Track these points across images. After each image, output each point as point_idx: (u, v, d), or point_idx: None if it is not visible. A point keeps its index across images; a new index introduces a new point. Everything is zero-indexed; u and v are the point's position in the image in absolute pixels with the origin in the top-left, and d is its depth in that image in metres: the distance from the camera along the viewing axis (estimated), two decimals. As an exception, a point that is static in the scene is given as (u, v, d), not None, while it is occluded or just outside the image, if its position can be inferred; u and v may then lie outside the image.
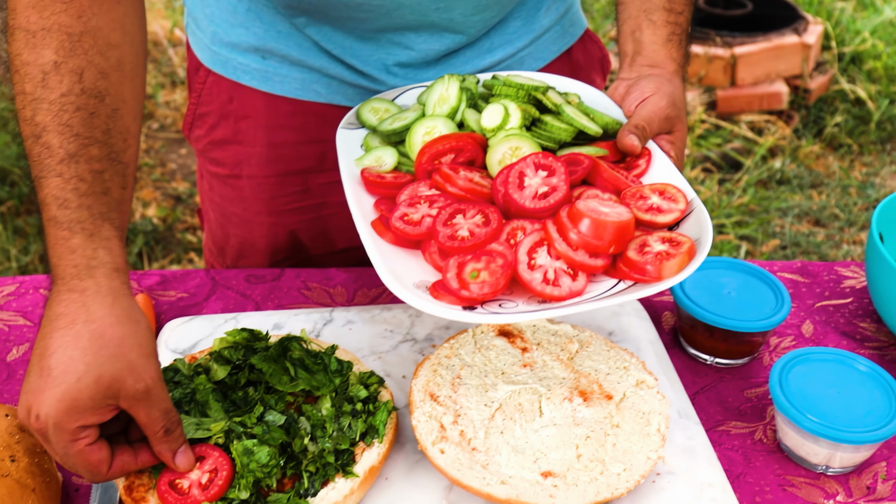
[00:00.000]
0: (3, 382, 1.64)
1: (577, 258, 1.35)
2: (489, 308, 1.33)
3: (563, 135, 1.55)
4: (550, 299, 1.35)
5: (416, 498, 1.43)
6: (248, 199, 2.02)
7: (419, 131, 1.56)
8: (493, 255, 1.36)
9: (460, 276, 1.34)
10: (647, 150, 1.56)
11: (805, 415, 1.48)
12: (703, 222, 1.40)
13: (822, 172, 5.00)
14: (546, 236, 1.38)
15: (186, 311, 1.81)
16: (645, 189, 1.48)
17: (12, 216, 4.42)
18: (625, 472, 1.39)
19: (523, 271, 1.36)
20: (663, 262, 1.33)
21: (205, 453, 1.36)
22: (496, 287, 1.33)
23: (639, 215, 1.43)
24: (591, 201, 1.39)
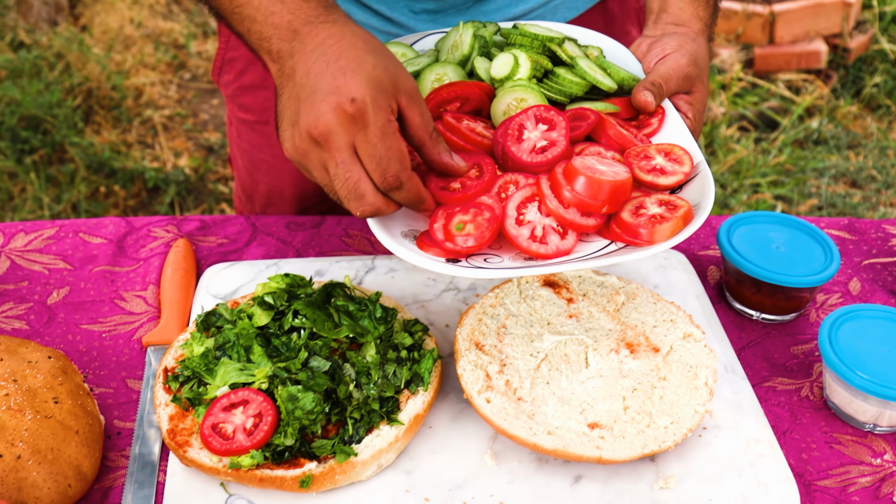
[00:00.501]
0: (45, 325, 1.64)
1: (567, 216, 1.32)
2: (473, 262, 1.30)
3: (575, 88, 1.51)
4: (536, 256, 1.31)
5: (461, 447, 1.42)
6: (276, 145, 2.00)
7: (429, 77, 1.53)
8: (482, 207, 1.33)
9: (447, 227, 1.32)
10: (662, 109, 1.52)
11: (854, 371, 1.45)
12: (706, 187, 1.36)
13: (860, 133, 4.94)
14: (538, 192, 1.34)
15: (226, 256, 1.80)
16: (650, 149, 1.44)
17: (45, 165, 4.42)
18: (672, 426, 1.37)
19: (510, 226, 1.33)
20: (656, 226, 1.30)
21: (249, 398, 1.35)
22: (481, 241, 1.30)
23: (640, 176, 1.39)
24: (590, 158, 1.35)
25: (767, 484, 1.38)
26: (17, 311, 1.67)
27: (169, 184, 4.37)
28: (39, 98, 4.69)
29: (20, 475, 1.29)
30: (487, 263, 1.31)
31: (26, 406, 1.34)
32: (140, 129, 4.78)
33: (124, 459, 1.43)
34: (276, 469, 1.31)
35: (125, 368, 1.57)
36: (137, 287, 1.72)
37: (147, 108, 4.90)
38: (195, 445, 1.35)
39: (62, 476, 1.32)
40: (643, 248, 1.30)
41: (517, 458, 1.41)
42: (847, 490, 1.42)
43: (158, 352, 1.58)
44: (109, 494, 1.38)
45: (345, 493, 1.36)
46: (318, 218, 1.89)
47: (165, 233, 1.84)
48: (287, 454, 1.33)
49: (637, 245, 1.31)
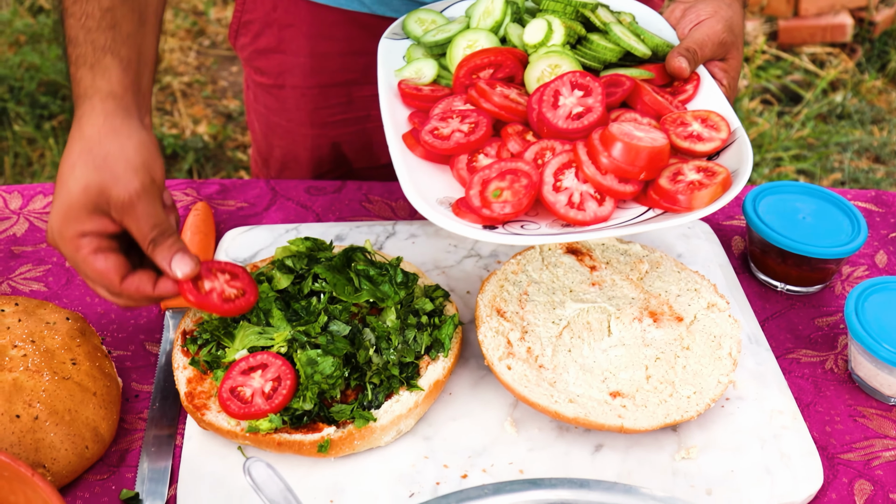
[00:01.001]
0: (63, 287, 1.63)
1: (605, 182, 1.30)
2: (510, 228, 1.29)
3: (609, 55, 1.48)
4: (574, 223, 1.29)
5: (481, 413, 1.41)
6: (292, 109, 2.00)
7: (460, 44, 1.51)
8: (518, 174, 1.31)
9: (483, 194, 1.30)
10: (697, 76, 1.49)
11: (881, 344, 1.43)
12: (744, 153, 1.34)
13: (884, 108, 4.88)
14: (575, 158, 1.32)
15: (246, 220, 1.79)
16: (687, 115, 1.41)
17: (63, 130, 4.42)
18: (695, 395, 1.36)
19: (548, 193, 1.31)
20: (695, 192, 1.27)
21: (267, 362, 1.34)
22: (518, 207, 1.28)
23: (677, 142, 1.37)
24: (626, 125, 1.33)
25: (790, 456, 1.36)
26: (35, 273, 1.66)
27: (187, 151, 4.36)
28: (58, 63, 4.68)
29: (38, 436, 1.29)
30: (524, 230, 1.29)
31: (44, 367, 1.34)
32: (159, 95, 4.77)
33: (142, 422, 1.42)
34: (294, 433, 1.31)
35: (143, 331, 1.57)
36: (156, 250, 1.71)
37: (166, 75, 4.89)
38: (213, 408, 1.34)
39: (79, 437, 1.31)
40: (681, 214, 1.28)
41: (537, 426, 1.40)
42: (871, 464, 1.40)
43: (177, 315, 1.57)
44: (126, 457, 1.37)
45: (363, 458, 1.35)
46: (338, 183, 1.88)
47: (185, 196, 1.83)
48: (305, 419, 1.32)
49: (675, 212, 1.29)
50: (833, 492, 1.36)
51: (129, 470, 1.36)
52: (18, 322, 1.39)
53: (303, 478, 1.32)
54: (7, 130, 4.38)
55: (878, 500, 1.36)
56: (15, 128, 4.39)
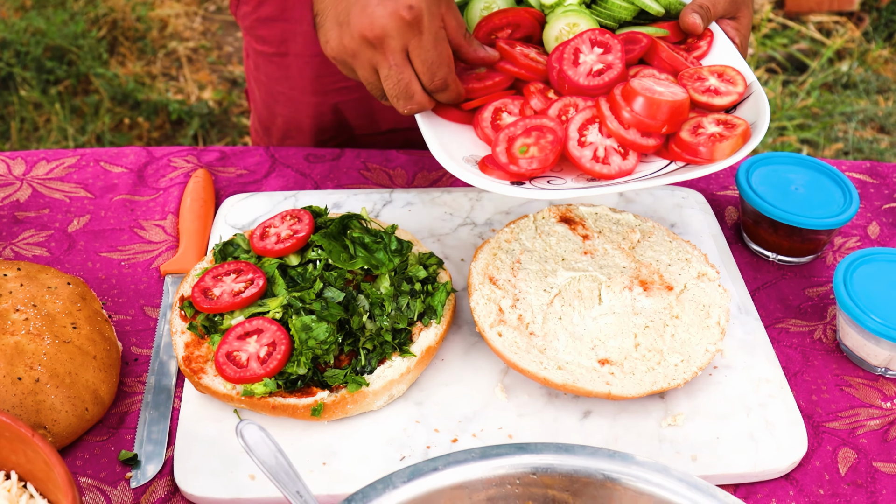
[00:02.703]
0: (65, 252, 1.66)
1: (628, 137, 1.33)
2: (537, 184, 1.32)
3: (624, 13, 1.51)
4: (599, 177, 1.33)
5: (472, 379, 1.44)
6: (294, 77, 2.01)
7: (477, 6, 1.54)
8: (544, 130, 1.34)
9: (510, 150, 1.33)
10: (710, 32, 1.52)
11: (868, 315, 1.45)
12: (760, 106, 1.37)
13: (890, 78, 4.87)
14: (598, 114, 1.36)
15: (245, 187, 1.81)
16: (703, 70, 1.44)
17: (70, 95, 4.43)
18: (682, 364, 1.38)
19: (573, 148, 1.34)
20: (716, 144, 1.31)
21: (263, 327, 1.37)
22: (545, 163, 1.32)
23: (695, 96, 1.40)
24: (646, 80, 1.37)
25: (775, 424, 1.39)
26: (38, 239, 1.68)
27: (192, 116, 4.37)
28: (64, 28, 4.69)
29: (38, 398, 1.31)
30: (551, 185, 1.33)
31: (45, 331, 1.37)
32: (164, 61, 4.78)
33: (141, 385, 1.45)
34: (288, 397, 1.33)
35: (143, 296, 1.59)
36: (157, 216, 1.74)
37: (172, 41, 4.89)
38: (210, 373, 1.37)
39: (79, 400, 1.34)
40: (703, 166, 1.31)
41: (527, 393, 1.42)
42: (855, 432, 1.43)
43: (176, 280, 1.59)
44: (126, 419, 1.40)
45: (356, 422, 1.37)
46: (337, 150, 1.90)
47: (185, 163, 1.85)
48: (300, 383, 1.34)
49: (697, 163, 1.32)
50: (817, 459, 1.39)
51: (128, 432, 1.39)
52: (20, 286, 1.42)
53: (297, 440, 1.35)
54: (13, 95, 4.39)
55: (861, 467, 1.38)
56: (21, 93, 4.40)
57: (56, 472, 1.09)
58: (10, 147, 4.15)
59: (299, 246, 1.46)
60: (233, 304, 1.40)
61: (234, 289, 1.42)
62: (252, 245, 1.48)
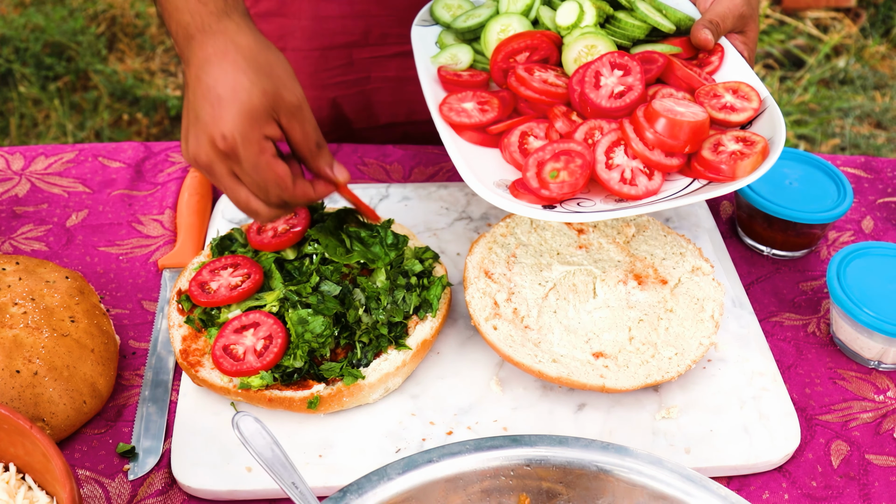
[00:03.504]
0: (63, 247, 1.67)
1: (653, 157, 1.36)
2: (568, 207, 1.34)
3: (637, 32, 1.53)
4: (627, 198, 1.35)
5: (467, 372, 1.45)
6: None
7: (494, 29, 1.56)
8: (572, 154, 1.37)
9: (540, 175, 1.36)
10: (720, 47, 1.54)
11: (861, 308, 1.46)
12: (775, 121, 1.39)
13: (887, 74, 4.88)
14: (623, 136, 1.38)
15: (243, 183, 1.81)
16: (718, 87, 1.46)
17: (69, 92, 4.44)
18: (676, 357, 1.39)
19: (601, 171, 1.36)
20: (737, 162, 1.33)
21: (259, 321, 1.38)
22: (575, 187, 1.34)
23: (713, 114, 1.42)
24: (667, 100, 1.39)
25: (769, 417, 1.40)
26: (36, 233, 1.69)
27: (190, 111, 4.37)
28: (63, 25, 4.69)
29: (37, 391, 1.32)
30: (582, 207, 1.35)
31: (43, 324, 1.37)
32: (163, 56, 4.78)
33: (138, 378, 1.46)
34: (285, 390, 1.34)
35: (141, 290, 1.60)
36: (154, 211, 1.74)
37: (170, 37, 4.89)
38: (207, 366, 1.38)
39: (77, 393, 1.35)
40: (727, 183, 1.34)
41: (522, 386, 1.43)
42: (848, 425, 1.43)
43: (174, 274, 1.60)
44: (123, 412, 1.41)
45: (352, 414, 1.38)
46: (334, 146, 1.91)
47: (183, 158, 1.86)
48: (296, 376, 1.35)
49: (719, 181, 1.35)
50: (810, 451, 1.40)
51: (125, 424, 1.40)
52: (19, 280, 1.43)
53: (293, 433, 1.36)
54: (12, 91, 4.40)
55: (853, 460, 1.39)
56: (20, 89, 4.41)
57: (54, 465, 1.10)
58: (10, 143, 4.16)
59: (296, 240, 1.47)
60: (230, 297, 1.41)
61: (231, 283, 1.43)
62: (249, 239, 1.49)
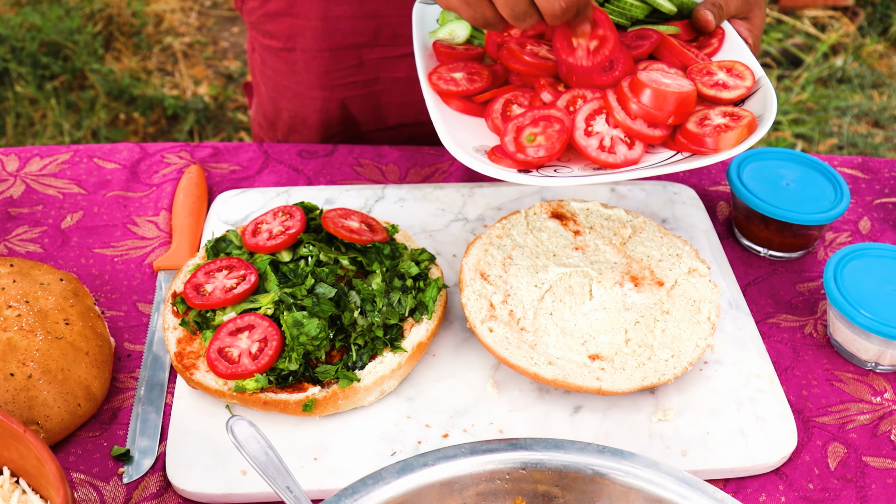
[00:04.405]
0: (58, 248, 1.66)
1: (635, 127, 1.35)
2: (544, 172, 1.33)
3: (636, 11, 1.52)
4: (605, 166, 1.34)
5: (463, 375, 1.44)
6: (302, 72, 2.01)
7: None
8: (551, 120, 1.36)
9: (518, 139, 1.35)
10: (721, 30, 1.53)
11: (858, 310, 1.46)
12: (768, 99, 1.38)
13: (885, 72, 4.88)
14: (605, 105, 1.37)
15: (238, 183, 1.81)
16: (712, 65, 1.45)
17: (65, 91, 4.43)
18: (673, 359, 1.39)
19: (579, 137, 1.35)
20: (721, 134, 1.32)
21: (254, 323, 1.37)
22: (552, 151, 1.34)
23: (703, 90, 1.41)
24: (654, 72, 1.38)
25: (765, 419, 1.39)
26: (31, 235, 1.69)
27: (188, 112, 4.37)
28: (60, 24, 4.69)
29: (31, 394, 1.32)
30: (557, 173, 1.34)
31: (38, 327, 1.37)
32: (160, 56, 4.78)
33: (133, 381, 1.45)
34: (279, 393, 1.34)
35: (136, 292, 1.60)
36: (149, 212, 1.74)
37: (167, 36, 4.89)
38: (202, 368, 1.37)
39: (72, 395, 1.35)
40: (709, 155, 1.32)
41: (518, 388, 1.43)
42: (845, 427, 1.43)
43: (169, 276, 1.60)
44: (118, 415, 1.41)
45: (347, 417, 1.38)
46: (329, 146, 1.90)
47: (178, 159, 1.85)
48: (291, 378, 1.35)
49: (702, 153, 1.33)
50: (807, 454, 1.39)
51: (120, 427, 1.39)
52: (13, 283, 1.42)
53: (288, 436, 1.35)
54: (9, 91, 4.39)
55: (850, 462, 1.39)
56: (17, 88, 4.40)
57: (48, 468, 1.10)
58: (6, 143, 4.15)
59: (291, 242, 1.46)
60: (224, 300, 1.40)
61: (226, 285, 1.42)
62: (244, 241, 1.49)
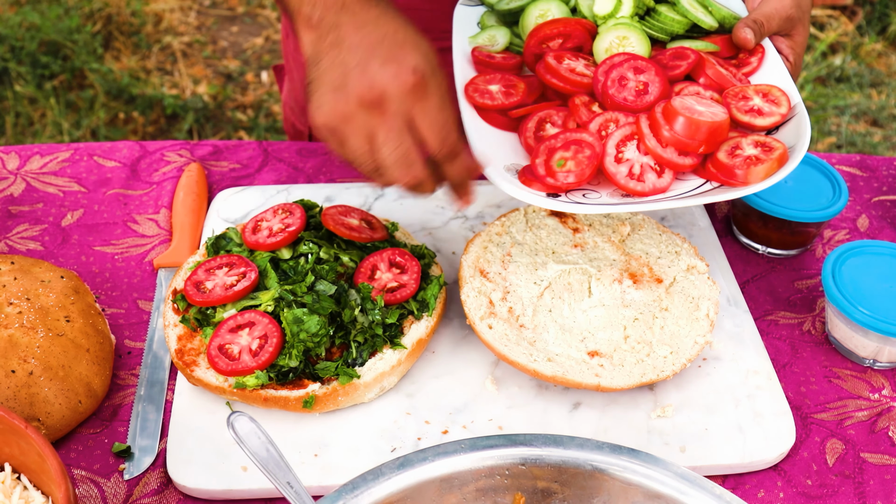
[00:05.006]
0: (59, 246, 1.67)
1: (665, 155, 1.35)
2: (572, 197, 1.34)
3: (676, 27, 1.52)
4: (633, 194, 1.35)
5: (462, 372, 1.45)
6: None
7: (533, 13, 1.56)
8: (582, 145, 1.36)
9: (548, 163, 1.36)
10: (762, 48, 1.52)
11: (856, 307, 1.46)
12: (801, 129, 1.37)
13: (884, 71, 4.88)
14: (637, 131, 1.37)
15: (238, 181, 1.82)
16: (749, 90, 1.44)
17: (65, 90, 4.43)
18: (671, 356, 1.39)
19: (609, 164, 1.36)
20: (751, 167, 1.32)
21: (255, 320, 1.38)
22: (581, 177, 1.34)
23: (737, 116, 1.41)
24: (688, 99, 1.38)
25: (763, 415, 1.40)
26: (31, 233, 1.69)
27: (187, 111, 4.37)
28: (59, 23, 4.69)
29: (32, 391, 1.32)
30: (585, 199, 1.34)
31: (39, 324, 1.37)
32: (159, 55, 4.78)
33: (134, 378, 1.46)
34: (280, 390, 1.34)
35: (136, 290, 1.60)
36: (150, 210, 1.74)
37: (166, 35, 4.89)
38: (202, 365, 1.38)
39: (73, 392, 1.35)
40: (737, 188, 1.32)
41: (517, 385, 1.43)
42: (843, 423, 1.44)
43: (169, 274, 1.60)
44: (119, 411, 1.41)
45: (347, 414, 1.39)
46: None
47: (178, 157, 1.86)
48: (291, 375, 1.35)
49: (731, 185, 1.33)
50: (805, 450, 1.40)
51: (121, 424, 1.40)
52: (14, 280, 1.43)
53: (288, 432, 1.36)
54: (8, 90, 4.40)
55: (848, 458, 1.39)
56: (16, 87, 4.40)
57: (49, 464, 1.10)
58: (6, 142, 4.16)
59: (291, 240, 1.47)
60: (225, 297, 1.41)
61: (227, 282, 1.43)
62: (244, 239, 1.49)
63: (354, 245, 1.49)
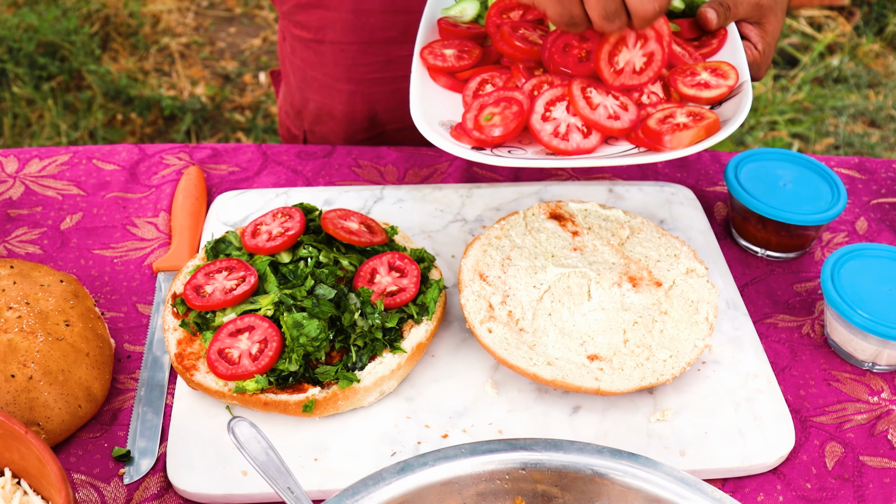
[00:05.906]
0: (58, 250, 1.66)
1: (592, 117, 1.36)
2: (497, 151, 1.35)
3: None
4: (557, 152, 1.35)
5: (462, 375, 1.45)
6: (329, 64, 2.03)
7: None
8: (511, 101, 1.38)
9: (477, 118, 1.38)
10: (724, 31, 1.53)
11: (855, 310, 1.46)
12: (742, 104, 1.37)
13: (881, 72, 4.89)
14: (568, 93, 1.38)
15: (237, 184, 1.82)
16: (697, 66, 1.46)
17: (62, 91, 4.43)
18: (671, 359, 1.39)
19: (535, 120, 1.37)
20: (676, 132, 1.32)
21: (254, 325, 1.38)
22: (506, 131, 1.35)
23: (683, 90, 1.42)
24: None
25: (763, 419, 1.40)
26: (30, 236, 1.69)
27: (185, 112, 4.37)
28: (57, 24, 4.69)
29: (32, 395, 1.32)
30: (509, 154, 1.35)
31: (38, 328, 1.37)
32: (157, 56, 4.78)
33: (133, 382, 1.46)
34: (279, 394, 1.34)
35: (136, 293, 1.60)
36: (149, 213, 1.74)
37: (164, 36, 4.89)
38: (202, 369, 1.38)
39: (72, 397, 1.35)
40: (658, 153, 1.33)
41: (517, 388, 1.43)
42: (842, 427, 1.44)
43: (169, 277, 1.60)
44: (119, 416, 1.41)
45: (347, 418, 1.38)
46: (328, 147, 1.91)
47: (177, 160, 1.85)
48: (291, 379, 1.35)
49: (655, 150, 1.34)
50: (804, 454, 1.40)
51: (121, 428, 1.40)
52: (13, 284, 1.43)
53: (288, 436, 1.36)
54: (6, 91, 4.39)
55: (848, 461, 1.39)
56: (14, 89, 4.40)
57: (49, 469, 1.10)
58: (3, 143, 4.15)
59: (290, 243, 1.47)
60: (224, 301, 1.41)
61: (226, 286, 1.43)
62: (244, 242, 1.49)
63: (354, 249, 1.49)
